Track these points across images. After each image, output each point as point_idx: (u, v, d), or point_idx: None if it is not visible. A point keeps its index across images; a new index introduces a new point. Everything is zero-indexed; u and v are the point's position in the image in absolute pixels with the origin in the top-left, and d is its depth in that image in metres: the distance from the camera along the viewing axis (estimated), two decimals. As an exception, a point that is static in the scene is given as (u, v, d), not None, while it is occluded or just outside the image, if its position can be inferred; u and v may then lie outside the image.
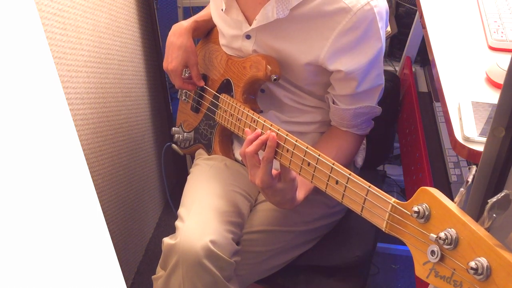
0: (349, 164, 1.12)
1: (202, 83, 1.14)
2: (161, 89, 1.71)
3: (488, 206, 0.49)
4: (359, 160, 1.19)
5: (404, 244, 0.62)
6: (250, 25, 0.98)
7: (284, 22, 0.94)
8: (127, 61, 1.46)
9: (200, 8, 1.43)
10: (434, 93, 1.29)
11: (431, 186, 0.92)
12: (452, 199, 0.56)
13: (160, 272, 1.00)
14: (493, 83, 0.82)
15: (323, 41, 0.92)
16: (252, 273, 1.05)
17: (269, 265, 1.06)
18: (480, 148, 0.68)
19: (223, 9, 1.00)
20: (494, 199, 0.48)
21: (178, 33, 1.12)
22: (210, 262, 0.90)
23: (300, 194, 0.93)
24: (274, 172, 0.88)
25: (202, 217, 0.96)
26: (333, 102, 1.03)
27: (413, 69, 1.47)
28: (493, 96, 0.79)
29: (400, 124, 1.41)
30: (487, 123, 0.71)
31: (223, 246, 0.92)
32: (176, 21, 1.16)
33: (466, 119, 0.73)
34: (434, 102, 1.25)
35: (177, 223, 0.98)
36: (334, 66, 0.94)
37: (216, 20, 1.10)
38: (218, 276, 0.92)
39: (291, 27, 0.94)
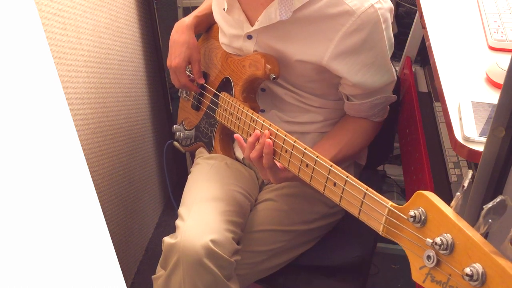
0: (363, 149, 1.14)
1: (202, 81, 1.14)
2: (161, 89, 1.71)
3: (483, 211, 0.48)
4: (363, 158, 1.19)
5: (404, 244, 0.62)
6: (252, 25, 0.98)
7: (286, 24, 0.94)
8: (127, 61, 1.46)
9: (200, 8, 1.42)
10: (434, 93, 1.29)
11: (431, 186, 0.93)
12: (452, 199, 0.55)
13: (160, 272, 1.00)
14: (493, 83, 0.82)
15: (326, 42, 0.92)
16: (252, 272, 1.05)
17: (269, 264, 1.06)
18: (480, 148, 0.68)
19: (225, 9, 1.00)
20: (489, 204, 0.48)
21: (181, 31, 1.12)
22: (211, 261, 0.90)
23: None
24: (280, 165, 0.88)
25: (202, 216, 0.96)
26: (348, 99, 1.03)
27: (413, 69, 1.47)
28: (493, 96, 0.79)
29: (400, 124, 1.41)
30: (487, 123, 0.71)
31: (224, 245, 0.93)
32: (176, 21, 1.16)
33: (466, 119, 0.73)
34: (434, 102, 1.25)
35: (178, 222, 0.98)
36: (338, 67, 0.94)
37: (218, 19, 1.10)
38: (218, 275, 0.92)
39: (294, 29, 0.94)
